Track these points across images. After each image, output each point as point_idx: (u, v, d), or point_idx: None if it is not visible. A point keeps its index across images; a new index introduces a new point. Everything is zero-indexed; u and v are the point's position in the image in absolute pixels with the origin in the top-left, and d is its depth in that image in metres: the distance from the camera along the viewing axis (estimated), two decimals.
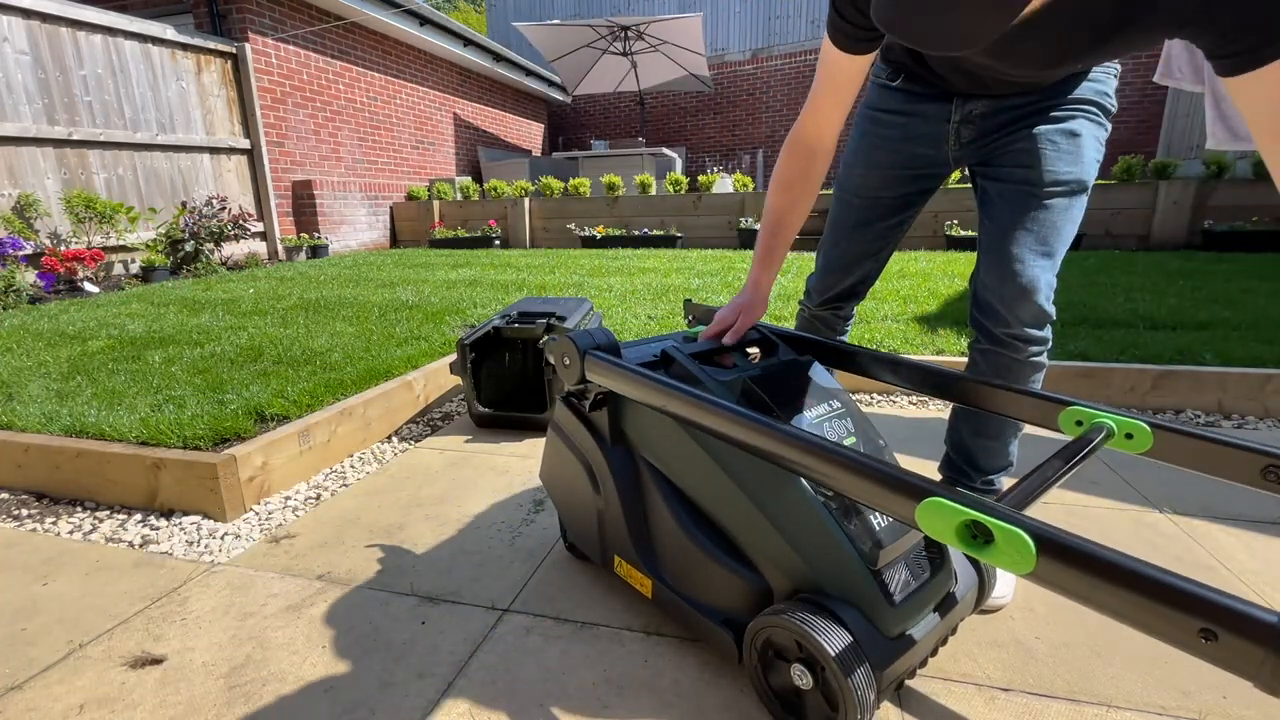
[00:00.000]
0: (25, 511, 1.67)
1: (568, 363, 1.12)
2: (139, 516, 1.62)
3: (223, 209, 5.58)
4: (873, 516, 0.93)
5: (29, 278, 4.31)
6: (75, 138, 4.92)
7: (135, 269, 5.29)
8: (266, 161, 6.53)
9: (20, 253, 4.37)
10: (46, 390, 2.15)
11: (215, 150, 6.10)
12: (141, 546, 1.48)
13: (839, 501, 0.92)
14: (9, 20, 4.53)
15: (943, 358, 2.44)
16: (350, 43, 7.70)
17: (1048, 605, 1.21)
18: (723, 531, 1.02)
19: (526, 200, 7.68)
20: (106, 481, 1.68)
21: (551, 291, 4.03)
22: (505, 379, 2.24)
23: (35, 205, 4.61)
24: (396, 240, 8.27)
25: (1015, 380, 1.21)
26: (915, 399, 2.44)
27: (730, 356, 1.21)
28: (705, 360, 1.15)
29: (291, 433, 1.78)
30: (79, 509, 1.67)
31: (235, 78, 6.28)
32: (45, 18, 4.74)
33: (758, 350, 1.26)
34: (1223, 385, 2.21)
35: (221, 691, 1.03)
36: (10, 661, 1.11)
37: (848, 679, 0.82)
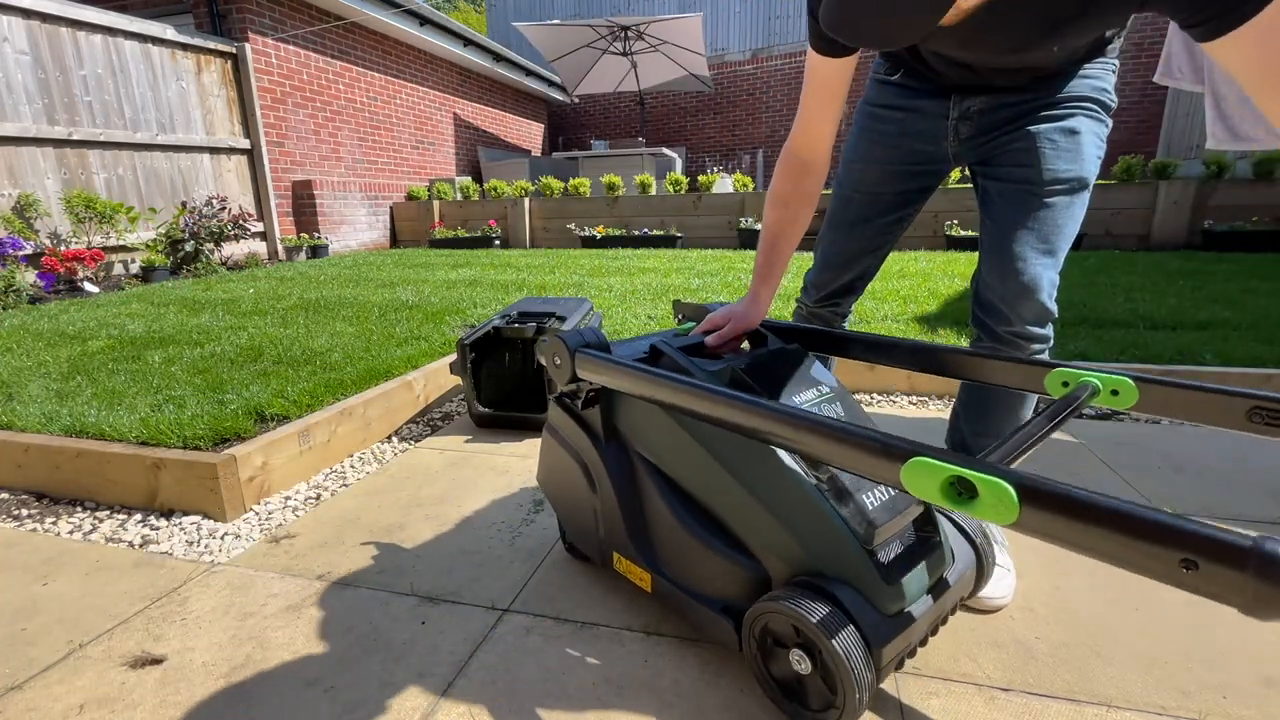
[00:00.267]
0: (25, 511, 1.67)
1: (558, 362, 1.13)
2: (139, 516, 1.62)
3: (223, 209, 5.58)
4: (865, 497, 0.93)
5: (29, 278, 4.31)
6: (75, 138, 4.92)
7: (135, 269, 5.29)
8: (266, 161, 6.53)
9: (20, 253, 4.37)
10: (46, 390, 2.15)
11: (215, 150, 6.10)
12: (141, 546, 1.48)
13: (831, 485, 0.93)
14: (9, 20, 4.53)
15: None
16: (350, 43, 7.70)
17: (1048, 605, 1.21)
18: (718, 521, 1.03)
19: (526, 200, 7.69)
20: (106, 481, 1.68)
21: (552, 291, 4.04)
22: (505, 379, 2.24)
23: (35, 205, 4.61)
24: (396, 240, 8.27)
25: None
26: (915, 399, 2.44)
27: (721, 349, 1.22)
28: (693, 353, 1.15)
29: (291, 433, 1.78)
30: (79, 509, 1.67)
31: (235, 78, 6.28)
32: (45, 18, 4.74)
33: (747, 342, 1.27)
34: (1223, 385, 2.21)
35: (221, 691, 1.03)
36: (10, 661, 1.11)
37: (845, 659, 0.81)
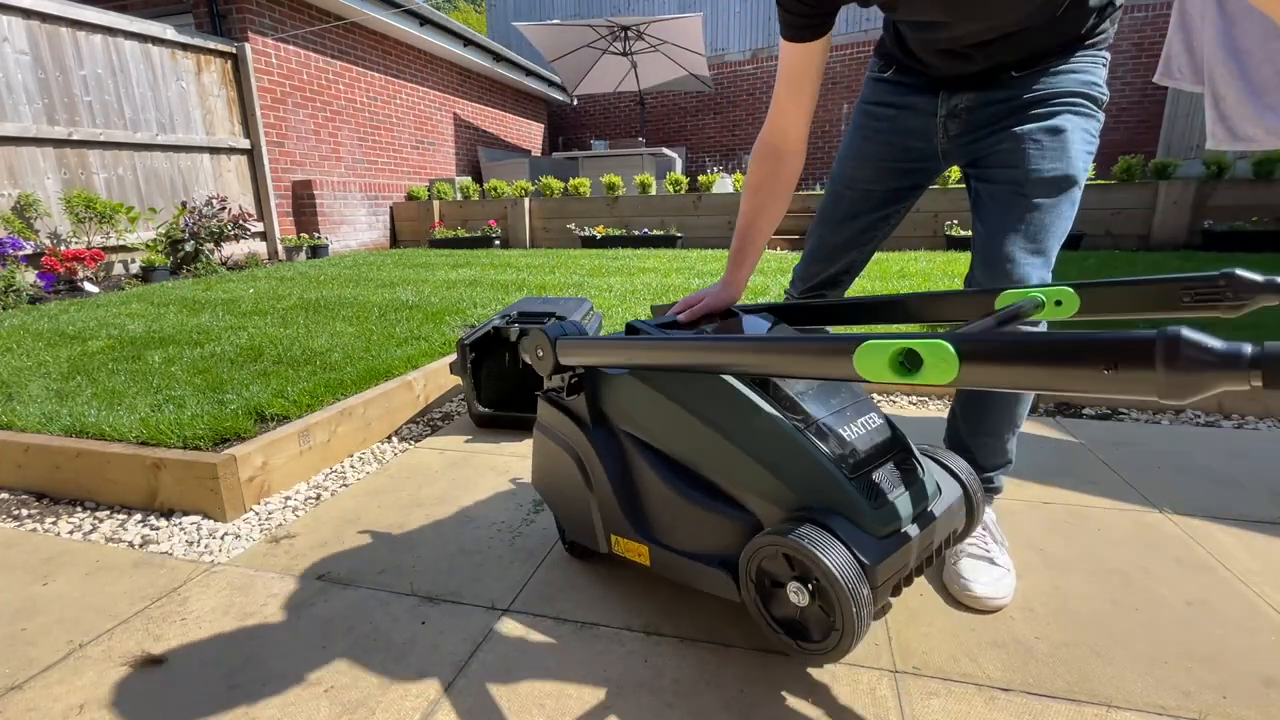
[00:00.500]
0: (25, 511, 1.67)
1: (541, 354, 1.16)
2: (139, 516, 1.62)
3: (223, 209, 5.58)
4: (843, 430, 0.97)
5: (29, 278, 4.31)
6: (75, 138, 4.92)
7: (135, 269, 5.29)
8: (266, 161, 6.53)
9: (20, 253, 4.37)
10: (46, 390, 2.15)
11: (215, 150, 6.10)
12: (141, 546, 1.49)
13: (808, 423, 0.96)
14: (9, 20, 4.53)
15: None
16: (350, 43, 7.70)
17: (1048, 606, 1.21)
18: (708, 481, 1.05)
19: (526, 200, 7.69)
20: (106, 481, 1.68)
21: (552, 291, 4.04)
22: (505, 379, 2.24)
23: (35, 205, 4.62)
24: (396, 240, 8.28)
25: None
26: (915, 399, 2.44)
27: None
28: (667, 329, 1.20)
29: (291, 433, 1.78)
30: (79, 509, 1.67)
31: (235, 78, 6.28)
32: (45, 18, 4.74)
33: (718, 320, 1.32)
34: None
35: (221, 691, 1.03)
36: (10, 661, 1.11)
37: (837, 574, 0.81)
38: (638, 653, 1.10)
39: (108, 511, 1.66)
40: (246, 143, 6.37)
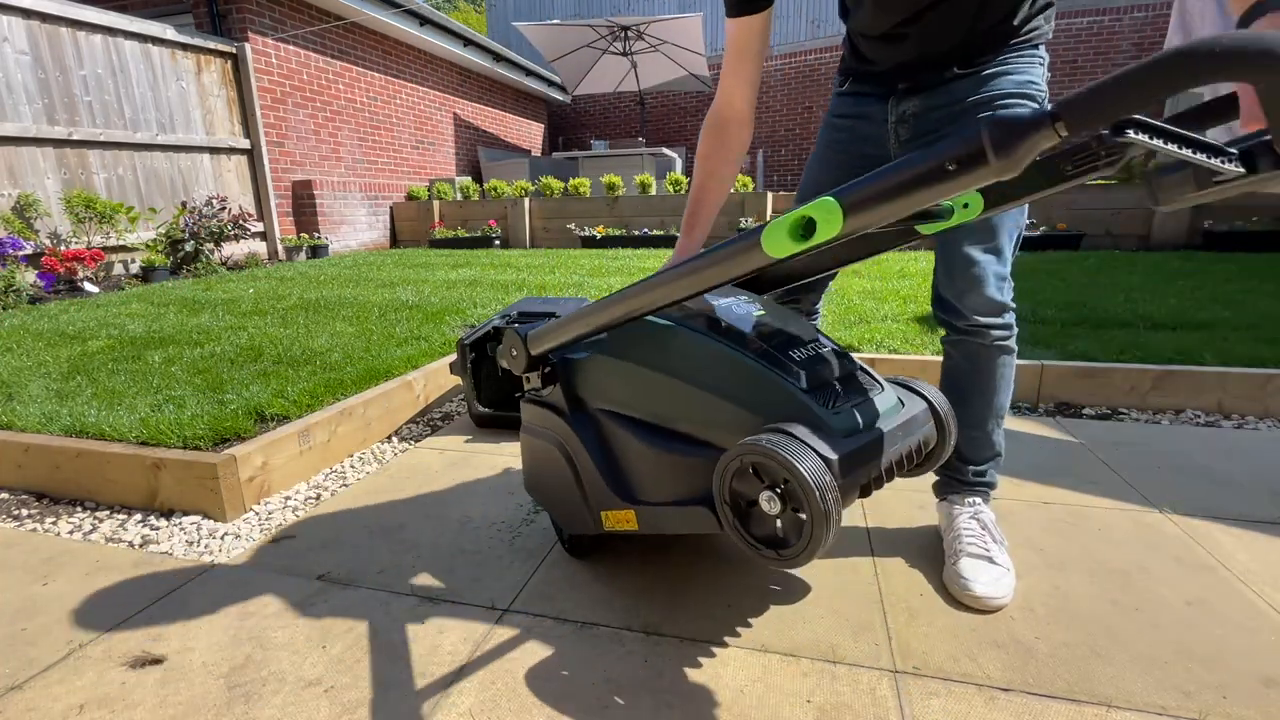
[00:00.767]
0: (25, 511, 1.67)
1: (515, 353, 1.23)
2: (139, 516, 1.62)
3: (223, 209, 5.58)
4: (794, 353, 1.01)
5: (29, 278, 4.31)
6: (75, 138, 4.92)
7: (135, 269, 5.29)
8: (266, 161, 6.53)
9: (20, 253, 4.37)
10: (46, 390, 2.15)
11: (215, 150, 6.10)
12: (141, 546, 1.49)
13: (757, 349, 1.01)
14: (9, 20, 4.53)
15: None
16: (350, 43, 7.70)
17: (1048, 606, 1.21)
18: (679, 431, 1.08)
19: (526, 200, 7.68)
20: (106, 481, 1.68)
21: (551, 291, 4.03)
22: (505, 379, 2.24)
23: (35, 205, 4.61)
24: (396, 240, 8.27)
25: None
26: None
27: None
28: None
29: (291, 433, 1.78)
30: (79, 509, 1.67)
31: (235, 78, 6.28)
32: (45, 18, 4.74)
33: None
34: (1223, 385, 2.21)
35: (221, 691, 1.03)
36: (10, 661, 1.11)
37: (797, 464, 0.82)
38: (638, 653, 1.10)
39: (108, 511, 1.66)
40: (246, 143, 6.37)
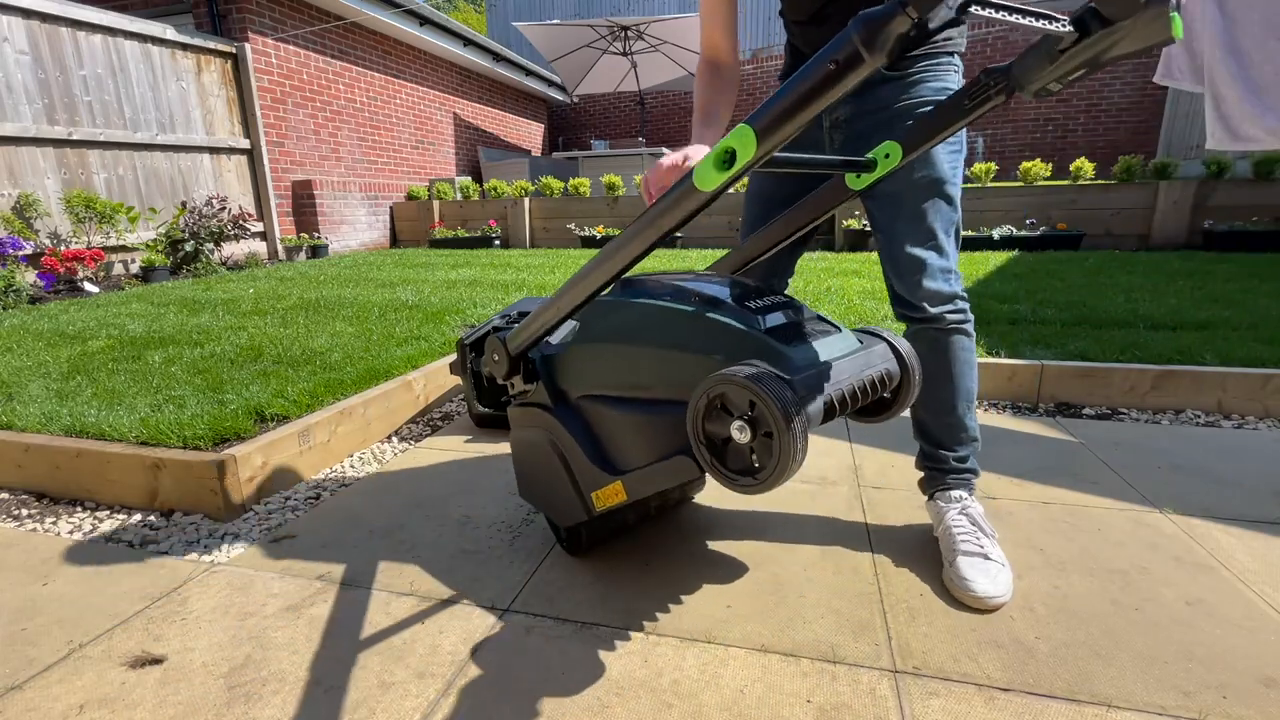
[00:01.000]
0: (25, 511, 1.67)
1: (497, 358, 1.27)
2: (139, 516, 1.62)
3: (223, 209, 5.58)
4: (751, 303, 1.06)
5: (29, 278, 4.31)
6: (75, 138, 4.92)
7: (135, 269, 5.29)
8: (266, 161, 6.53)
9: (20, 253, 4.37)
10: (46, 390, 2.15)
11: (215, 150, 6.10)
12: (141, 546, 1.49)
13: (719, 305, 1.05)
14: (9, 20, 4.53)
15: None
16: (350, 43, 7.70)
17: (1048, 605, 1.21)
18: (655, 399, 1.11)
19: (526, 200, 7.68)
20: (106, 481, 1.68)
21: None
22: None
23: (35, 205, 4.61)
24: (396, 240, 8.27)
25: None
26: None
27: None
28: None
29: (291, 433, 1.78)
30: (79, 509, 1.67)
31: (235, 78, 6.28)
32: (45, 18, 4.74)
33: None
34: (1223, 385, 2.21)
35: (221, 691, 1.03)
36: (10, 661, 1.11)
37: (754, 384, 0.85)
38: (637, 653, 1.10)
39: (108, 511, 1.66)
40: (246, 143, 6.37)
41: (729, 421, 0.92)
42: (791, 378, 0.89)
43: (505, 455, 1.95)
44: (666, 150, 9.82)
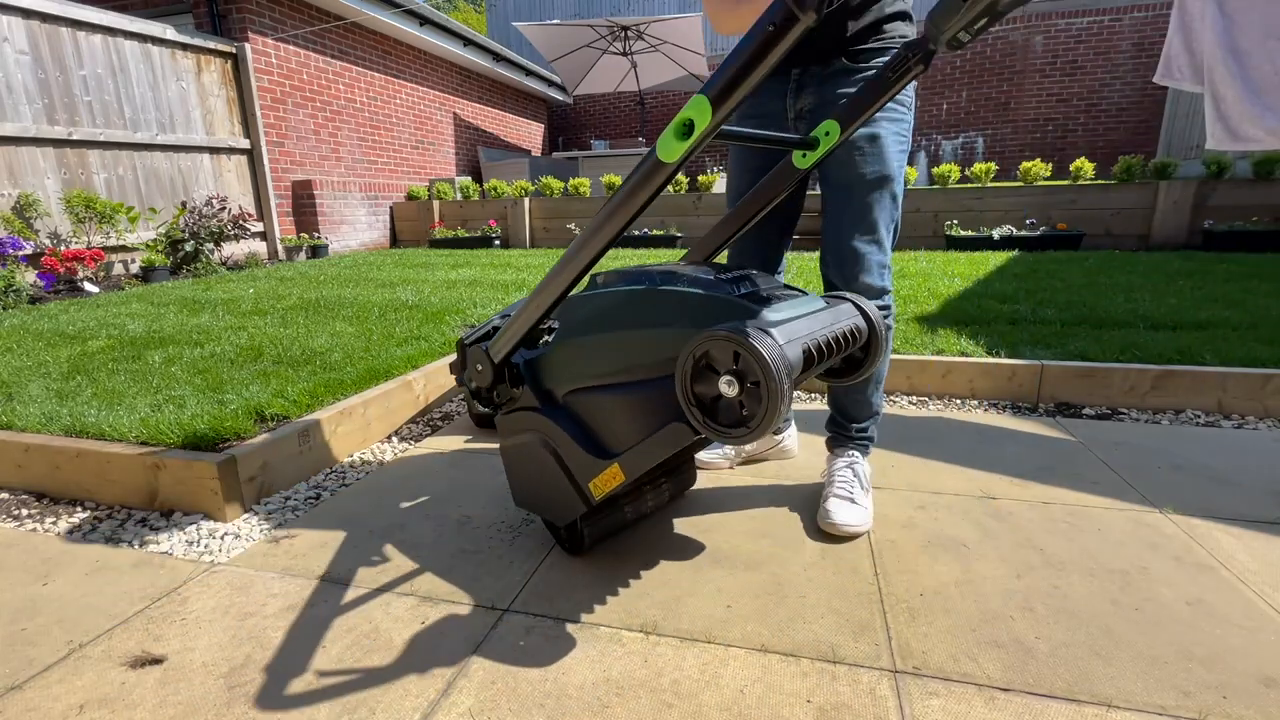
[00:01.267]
0: (25, 511, 1.67)
1: (480, 368, 1.30)
2: (139, 516, 1.62)
3: (223, 209, 5.58)
4: (722, 275, 1.10)
5: (29, 278, 4.31)
6: (75, 138, 4.92)
7: (135, 269, 5.29)
8: (266, 161, 6.53)
9: (20, 253, 4.36)
10: (46, 390, 2.15)
11: (215, 150, 6.10)
12: (141, 546, 1.49)
13: (692, 280, 1.09)
14: (9, 20, 4.53)
15: (942, 358, 2.44)
16: (350, 43, 7.70)
17: (1048, 605, 1.21)
18: (642, 379, 1.14)
19: (526, 200, 7.69)
20: (106, 481, 1.68)
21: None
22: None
23: (35, 205, 4.61)
24: (396, 240, 8.27)
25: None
26: (915, 399, 2.44)
27: None
28: None
29: (291, 433, 1.78)
30: (79, 509, 1.67)
31: (235, 78, 6.28)
32: (45, 18, 4.74)
33: None
34: (1223, 385, 2.21)
35: (221, 691, 1.03)
36: (10, 661, 1.11)
37: (735, 334, 0.90)
38: (638, 653, 1.10)
39: (108, 511, 1.66)
40: (246, 143, 6.37)
41: (716, 379, 0.96)
42: (767, 325, 0.94)
43: None
44: None
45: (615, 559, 1.39)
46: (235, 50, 6.21)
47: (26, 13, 4.61)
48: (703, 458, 1.83)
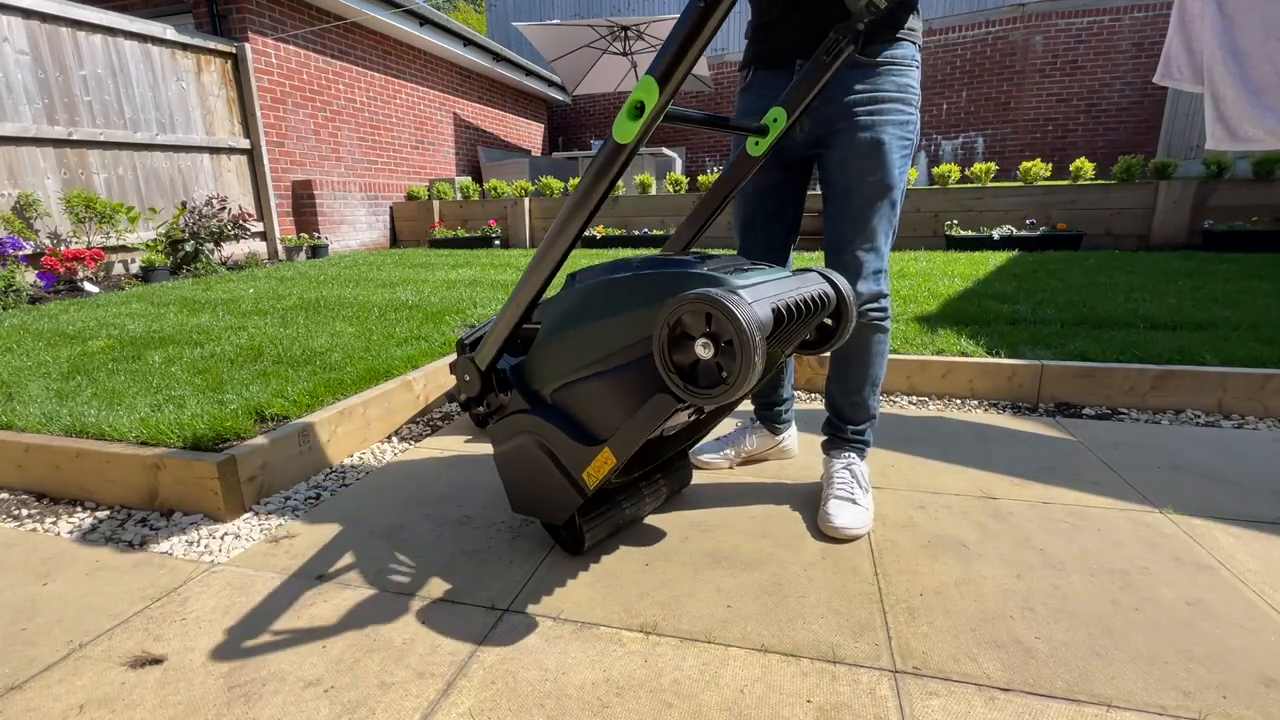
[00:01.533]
0: (25, 511, 1.67)
1: (468, 378, 1.32)
2: (139, 516, 1.62)
3: (223, 209, 5.58)
4: (691, 255, 1.14)
5: (29, 278, 4.31)
6: (75, 138, 4.92)
7: (135, 269, 5.29)
8: (266, 161, 6.53)
9: (20, 253, 4.36)
10: (46, 390, 2.15)
11: (215, 150, 6.10)
12: (141, 546, 1.49)
13: (666, 261, 1.13)
14: (9, 20, 4.53)
15: (942, 358, 2.44)
16: (350, 43, 7.70)
17: (1048, 605, 1.21)
18: (623, 363, 1.16)
19: (526, 200, 7.69)
20: (106, 481, 1.68)
21: (551, 291, 4.03)
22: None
23: (35, 205, 4.61)
24: (396, 240, 8.27)
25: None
26: (915, 399, 2.44)
27: None
28: None
29: (291, 433, 1.78)
30: (79, 509, 1.67)
31: (235, 78, 6.28)
32: (45, 18, 4.74)
33: None
34: (1223, 385, 2.21)
35: (221, 691, 1.03)
36: (10, 661, 1.11)
37: (704, 297, 0.93)
38: (638, 653, 1.10)
39: (108, 511, 1.66)
40: (246, 143, 6.37)
41: (692, 345, 0.98)
42: (734, 287, 0.98)
43: None
44: (666, 150, 9.83)
45: (615, 559, 1.39)
46: (235, 50, 6.21)
47: (26, 13, 4.61)
48: (703, 458, 1.83)
